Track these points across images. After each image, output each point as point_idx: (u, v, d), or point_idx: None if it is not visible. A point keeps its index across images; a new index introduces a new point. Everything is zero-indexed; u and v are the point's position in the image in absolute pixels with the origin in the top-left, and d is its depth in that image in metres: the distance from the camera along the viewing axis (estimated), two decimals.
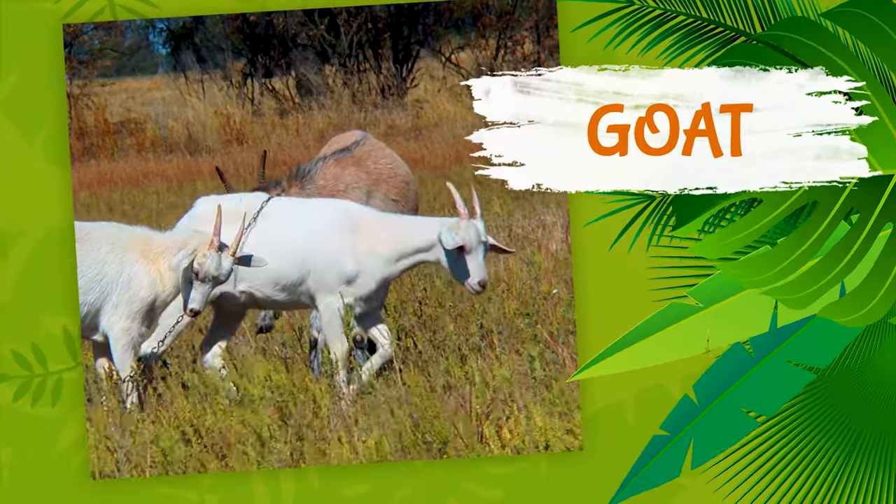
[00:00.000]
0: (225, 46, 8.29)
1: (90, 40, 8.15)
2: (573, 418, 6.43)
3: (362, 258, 6.76)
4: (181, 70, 8.34)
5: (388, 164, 7.72)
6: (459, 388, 6.70)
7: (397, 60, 8.06)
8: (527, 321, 7.38)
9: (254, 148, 8.50)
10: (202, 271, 6.37)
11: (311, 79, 8.28)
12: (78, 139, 7.86)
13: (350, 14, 8.18)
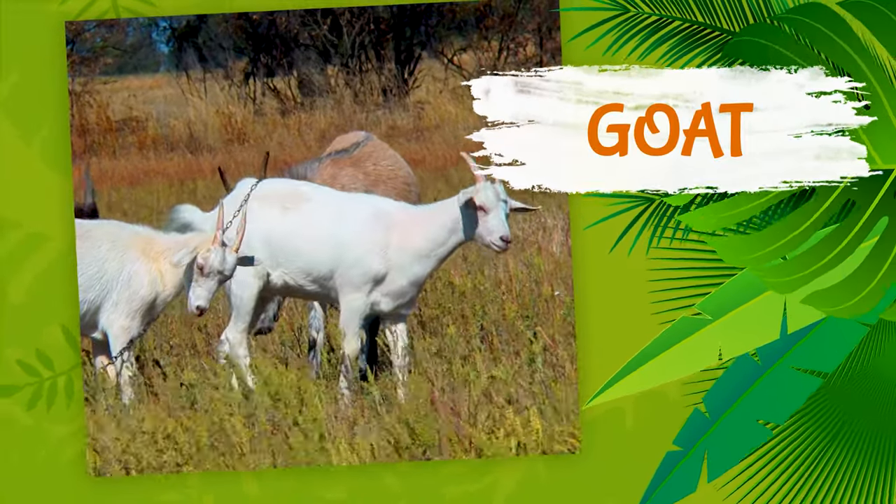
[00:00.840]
0: (227, 45, 8.29)
1: (92, 38, 8.15)
2: (571, 421, 6.42)
3: (393, 255, 6.74)
4: (183, 69, 8.35)
5: (388, 166, 7.71)
6: (459, 389, 6.70)
7: (399, 61, 8.06)
8: (527, 323, 7.37)
9: (255, 147, 8.50)
10: (207, 266, 6.37)
11: (314, 79, 8.28)
12: (79, 137, 7.86)
13: (353, 14, 8.18)
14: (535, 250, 8.13)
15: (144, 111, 8.38)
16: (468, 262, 8.29)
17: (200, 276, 6.46)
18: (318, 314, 7.49)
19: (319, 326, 7.52)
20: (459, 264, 8.23)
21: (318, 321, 7.52)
